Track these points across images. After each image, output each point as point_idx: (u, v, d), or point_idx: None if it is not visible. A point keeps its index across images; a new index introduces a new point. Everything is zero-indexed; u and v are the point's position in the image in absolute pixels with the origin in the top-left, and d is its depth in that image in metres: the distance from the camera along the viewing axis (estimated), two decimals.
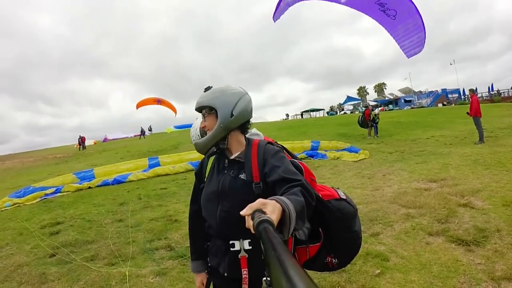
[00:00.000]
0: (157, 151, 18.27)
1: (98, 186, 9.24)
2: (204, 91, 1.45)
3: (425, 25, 3.97)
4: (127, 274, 3.32)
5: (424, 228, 3.93)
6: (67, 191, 8.76)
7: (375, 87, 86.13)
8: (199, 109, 1.48)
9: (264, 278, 1.25)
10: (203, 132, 1.54)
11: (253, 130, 1.89)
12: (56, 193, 8.66)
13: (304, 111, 66.10)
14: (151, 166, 11.07)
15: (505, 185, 5.28)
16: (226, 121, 1.39)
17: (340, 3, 4.16)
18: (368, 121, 16.01)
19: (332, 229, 1.64)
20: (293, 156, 1.84)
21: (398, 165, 8.27)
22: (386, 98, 61.93)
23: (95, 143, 39.86)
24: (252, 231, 0.81)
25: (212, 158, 1.52)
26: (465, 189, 5.32)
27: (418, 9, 3.84)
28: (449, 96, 51.36)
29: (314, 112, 64.52)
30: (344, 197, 1.74)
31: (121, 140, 39.44)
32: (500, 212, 4.13)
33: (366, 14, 4.05)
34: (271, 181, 1.26)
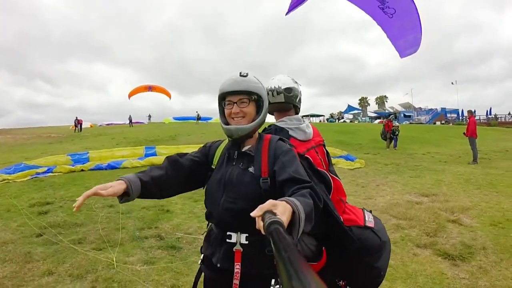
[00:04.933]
0: (154, 141, 18.22)
1: (91, 169, 9.18)
2: (241, 76, 1.36)
3: (421, 26, 3.85)
4: (114, 260, 3.31)
5: (412, 239, 3.97)
6: (59, 172, 8.68)
7: (376, 99, 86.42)
8: (238, 92, 1.35)
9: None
10: (227, 120, 1.41)
11: (304, 124, 1.78)
12: (48, 172, 8.58)
13: (304, 116, 66.05)
14: (147, 156, 10.96)
15: (494, 206, 5.34)
16: (266, 111, 1.43)
17: None
18: (387, 132, 16.05)
19: (349, 258, 1.54)
20: (329, 169, 1.76)
21: (392, 177, 8.33)
22: (386, 111, 62.10)
23: (91, 126, 39.30)
24: (263, 232, 0.81)
25: (221, 148, 1.49)
26: (455, 206, 5.37)
27: (418, 10, 3.72)
28: (448, 115, 51.79)
29: (314, 118, 64.70)
30: (371, 225, 1.61)
31: (118, 126, 39.10)
32: (487, 231, 4.19)
33: (363, 10, 3.91)
34: (280, 180, 1.25)
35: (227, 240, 1.30)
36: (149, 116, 46.95)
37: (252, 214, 0.90)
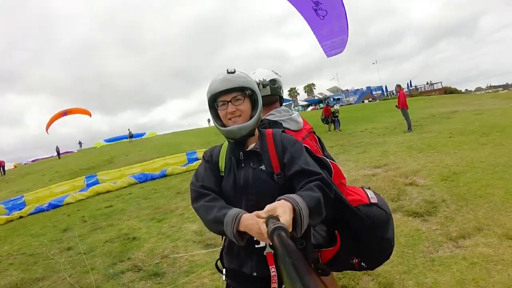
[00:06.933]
0: (90, 168, 16.99)
1: (31, 214, 8.25)
2: (229, 72, 1.29)
3: (349, 28, 4.12)
4: None
5: None
6: None
7: (305, 87, 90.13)
8: (231, 90, 1.27)
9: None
10: (223, 122, 1.34)
11: (295, 114, 1.76)
12: None
13: None
14: (89, 186, 10.24)
15: (439, 164, 6.00)
16: (261, 106, 1.34)
17: None
18: (327, 117, 16.76)
19: (360, 236, 1.57)
20: (324, 154, 1.73)
21: (342, 157, 8.78)
22: (316, 98, 65.08)
23: (15, 166, 34.86)
24: (266, 237, 0.83)
25: (223, 152, 1.39)
26: (407, 170, 5.91)
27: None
28: (374, 93, 56.08)
29: None
30: (375, 201, 1.65)
31: (46, 160, 35.17)
32: (441, 186, 4.71)
33: (297, 9, 4.06)
34: (290, 173, 1.23)
35: (256, 246, 1.23)
36: (80, 143, 43.75)
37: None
